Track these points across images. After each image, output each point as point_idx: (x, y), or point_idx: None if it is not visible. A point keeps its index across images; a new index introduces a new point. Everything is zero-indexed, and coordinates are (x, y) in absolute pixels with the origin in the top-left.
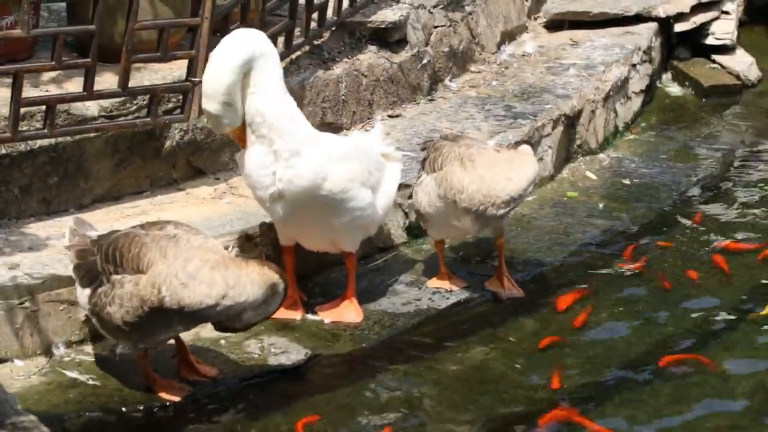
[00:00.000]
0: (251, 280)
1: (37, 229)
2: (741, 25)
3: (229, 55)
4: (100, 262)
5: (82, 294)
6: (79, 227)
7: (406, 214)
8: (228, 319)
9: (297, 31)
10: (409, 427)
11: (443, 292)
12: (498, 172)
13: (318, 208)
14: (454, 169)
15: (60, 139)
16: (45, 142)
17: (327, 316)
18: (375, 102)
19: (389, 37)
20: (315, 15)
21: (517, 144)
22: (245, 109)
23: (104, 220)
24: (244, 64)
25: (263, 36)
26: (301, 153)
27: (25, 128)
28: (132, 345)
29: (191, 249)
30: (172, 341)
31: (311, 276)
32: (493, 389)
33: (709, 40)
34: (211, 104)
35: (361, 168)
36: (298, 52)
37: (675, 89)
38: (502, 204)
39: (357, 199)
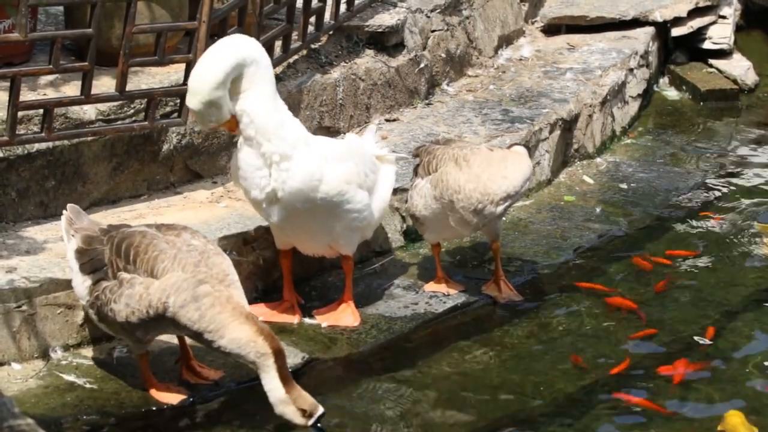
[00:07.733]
0: (234, 337)
1: (35, 232)
2: (738, 29)
3: (218, 57)
4: (109, 254)
5: (81, 282)
6: (74, 215)
7: (403, 218)
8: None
9: (294, 35)
10: (406, 431)
11: (440, 296)
12: (494, 170)
13: (315, 212)
14: (449, 169)
15: (57, 143)
16: (42, 145)
17: (324, 319)
18: (372, 106)
19: (386, 41)
20: (312, 19)
21: (511, 146)
22: (234, 108)
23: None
24: (232, 68)
25: (255, 43)
26: (292, 156)
27: (22, 132)
28: (131, 341)
29: (210, 275)
30: (176, 341)
31: (308, 280)
32: (491, 393)
33: (707, 45)
34: (194, 101)
35: (356, 170)
36: (296, 56)
37: (672, 93)
38: (500, 201)
39: (354, 202)
